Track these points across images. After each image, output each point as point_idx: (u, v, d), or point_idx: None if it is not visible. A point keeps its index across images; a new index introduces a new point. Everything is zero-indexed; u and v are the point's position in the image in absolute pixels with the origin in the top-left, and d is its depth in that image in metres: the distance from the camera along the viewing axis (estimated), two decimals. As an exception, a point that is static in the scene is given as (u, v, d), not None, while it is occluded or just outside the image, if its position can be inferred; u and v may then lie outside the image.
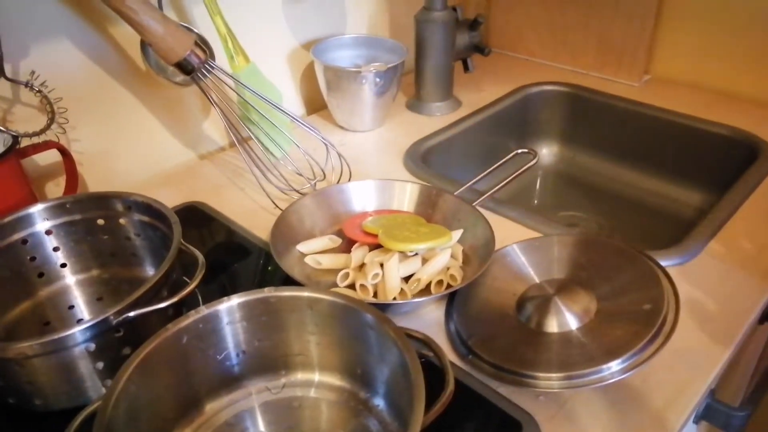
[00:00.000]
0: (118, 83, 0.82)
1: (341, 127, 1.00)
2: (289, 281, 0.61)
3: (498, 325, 0.59)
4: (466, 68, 1.06)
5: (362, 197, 0.75)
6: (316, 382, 0.52)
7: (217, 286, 0.67)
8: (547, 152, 1.11)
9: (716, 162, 0.93)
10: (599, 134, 1.06)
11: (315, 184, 0.81)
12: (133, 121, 0.86)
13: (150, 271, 0.67)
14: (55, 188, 0.81)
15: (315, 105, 1.07)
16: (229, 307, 0.49)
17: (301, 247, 0.68)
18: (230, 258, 0.72)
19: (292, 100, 1.05)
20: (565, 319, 0.56)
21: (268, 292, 0.50)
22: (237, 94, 0.77)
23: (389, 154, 0.92)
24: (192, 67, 0.68)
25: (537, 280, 0.62)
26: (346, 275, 0.63)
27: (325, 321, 0.50)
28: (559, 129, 1.10)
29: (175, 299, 0.53)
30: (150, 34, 0.65)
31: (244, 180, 0.87)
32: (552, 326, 0.57)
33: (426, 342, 0.46)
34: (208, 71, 0.71)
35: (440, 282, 0.63)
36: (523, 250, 0.65)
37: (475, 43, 1.01)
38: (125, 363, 0.44)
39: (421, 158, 0.90)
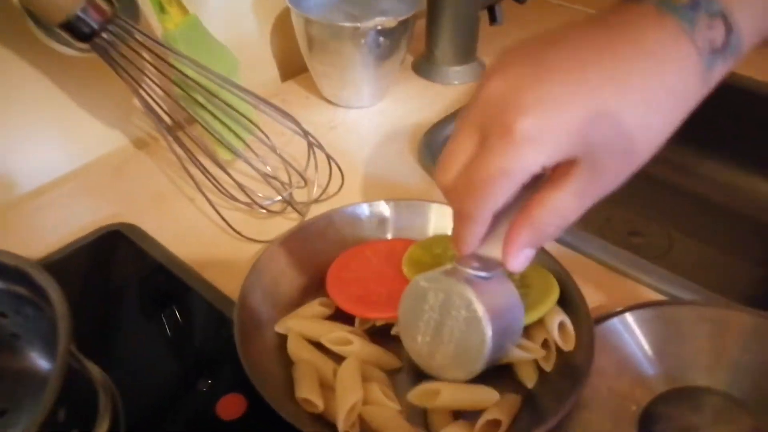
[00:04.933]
0: (10, 53, 0.55)
1: (329, 102, 0.73)
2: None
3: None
4: (493, 19, 0.80)
5: (374, 226, 0.50)
6: None
7: (143, 393, 0.43)
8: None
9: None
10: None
11: (290, 194, 0.56)
12: (37, 104, 0.59)
13: (39, 361, 0.42)
14: None
15: (293, 67, 0.79)
16: None
17: (281, 327, 0.43)
18: (166, 329, 0.47)
19: (260, 61, 0.77)
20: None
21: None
22: (170, 65, 0.51)
23: (397, 141, 0.67)
24: (90, 30, 0.41)
25: (665, 387, 0.39)
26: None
27: None
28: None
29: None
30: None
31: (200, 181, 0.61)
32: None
33: None
34: (118, 34, 0.44)
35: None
36: (642, 325, 0.42)
37: (509, -15, 0.74)
38: None
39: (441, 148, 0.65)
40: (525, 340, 0.42)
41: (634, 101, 0.28)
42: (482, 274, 0.34)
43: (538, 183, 0.31)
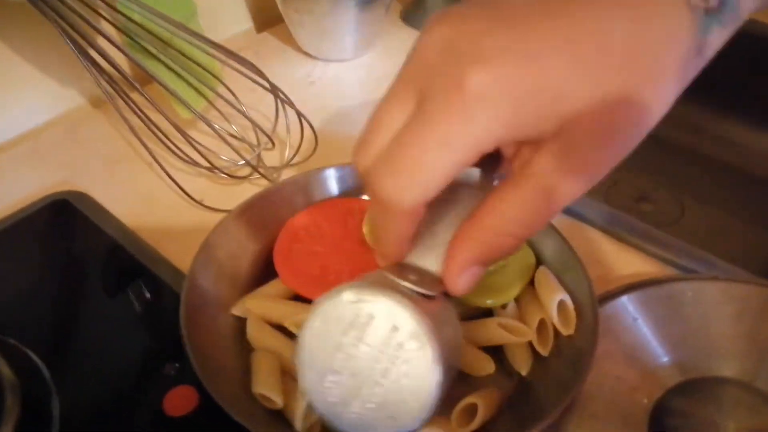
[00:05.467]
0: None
1: (307, 55, 0.67)
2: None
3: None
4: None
5: (350, 192, 0.45)
6: None
7: (83, 385, 0.37)
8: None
9: None
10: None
11: (258, 156, 0.50)
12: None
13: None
14: None
15: (268, 16, 0.72)
16: None
17: (239, 309, 0.38)
18: (116, 313, 0.42)
19: (230, 10, 0.70)
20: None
21: None
22: (116, 11, 0.44)
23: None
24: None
25: (681, 377, 0.33)
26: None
27: None
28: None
29: None
30: None
31: (156, 143, 0.55)
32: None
33: None
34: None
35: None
36: (654, 305, 0.36)
37: None
38: None
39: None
40: (513, 321, 0.36)
41: (617, 63, 0.21)
42: (424, 291, 0.25)
43: (494, 181, 0.23)
